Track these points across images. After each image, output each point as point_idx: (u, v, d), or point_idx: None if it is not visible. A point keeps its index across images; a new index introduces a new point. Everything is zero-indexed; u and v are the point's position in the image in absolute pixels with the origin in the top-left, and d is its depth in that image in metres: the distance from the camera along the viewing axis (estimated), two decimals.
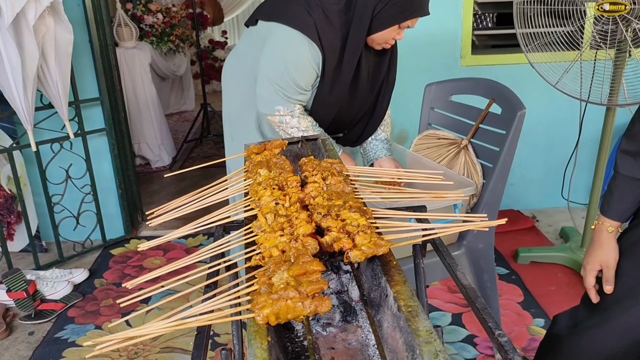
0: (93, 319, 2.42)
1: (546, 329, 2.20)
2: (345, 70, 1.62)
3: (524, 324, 2.25)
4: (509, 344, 0.82)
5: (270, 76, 1.62)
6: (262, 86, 1.65)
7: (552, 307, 2.34)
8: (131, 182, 3.22)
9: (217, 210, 1.00)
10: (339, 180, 0.99)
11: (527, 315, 2.31)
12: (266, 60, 1.63)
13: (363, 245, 0.76)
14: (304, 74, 1.60)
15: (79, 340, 2.27)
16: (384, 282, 0.73)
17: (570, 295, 2.43)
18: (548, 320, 2.26)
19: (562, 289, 2.49)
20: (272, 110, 1.65)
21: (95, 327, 2.36)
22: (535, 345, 2.12)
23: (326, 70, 1.60)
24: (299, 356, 0.74)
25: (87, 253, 3.00)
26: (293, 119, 1.64)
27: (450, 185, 1.66)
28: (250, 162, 1.14)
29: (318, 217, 0.85)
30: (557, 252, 2.71)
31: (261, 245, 0.79)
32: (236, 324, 1.06)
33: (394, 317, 0.68)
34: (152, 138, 4.32)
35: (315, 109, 1.71)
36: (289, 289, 0.64)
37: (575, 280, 2.56)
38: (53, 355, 2.18)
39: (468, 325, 2.25)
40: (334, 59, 1.60)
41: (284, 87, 1.61)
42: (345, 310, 0.81)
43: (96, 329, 2.34)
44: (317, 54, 1.58)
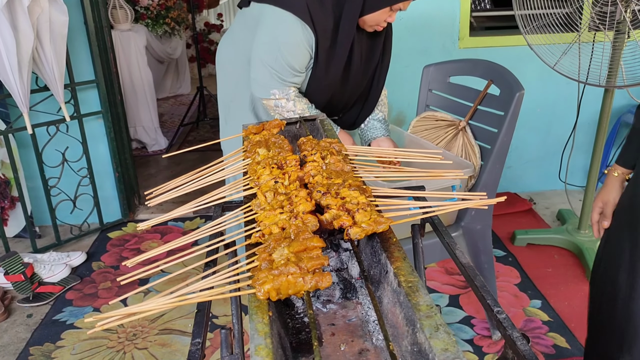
0: (91, 302, 2.42)
1: (542, 310, 2.23)
2: (339, 52, 1.61)
3: (520, 305, 2.27)
4: (507, 321, 0.82)
5: (265, 60, 1.60)
6: (257, 70, 1.64)
7: (548, 289, 2.36)
8: (128, 165, 3.20)
9: (215, 190, 1.00)
10: (338, 159, 0.99)
11: (523, 296, 2.33)
12: (259, 43, 1.62)
13: (363, 223, 0.76)
14: (297, 56, 1.58)
15: (78, 323, 2.28)
16: (384, 259, 0.73)
17: (567, 277, 2.45)
18: (545, 301, 2.29)
19: (558, 270, 2.51)
20: (268, 94, 1.64)
21: (94, 309, 2.37)
22: (532, 326, 2.15)
23: (319, 52, 1.59)
24: (299, 332, 0.74)
25: (84, 236, 3.00)
26: (289, 102, 1.63)
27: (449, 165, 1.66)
28: (249, 142, 1.13)
29: (318, 195, 0.85)
30: (554, 234, 2.72)
31: (261, 222, 0.79)
32: (235, 303, 1.06)
33: (394, 292, 0.68)
34: (148, 121, 4.30)
35: (310, 92, 1.70)
36: (289, 265, 0.65)
37: (572, 262, 2.57)
38: (52, 338, 2.19)
39: (465, 306, 2.27)
40: (326, 40, 1.58)
41: (278, 70, 1.60)
42: (345, 288, 0.81)
43: (94, 311, 2.35)
44: (310, 35, 1.56)
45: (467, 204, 0.86)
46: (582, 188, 3.28)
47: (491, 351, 2.02)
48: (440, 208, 0.84)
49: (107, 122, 2.96)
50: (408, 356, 0.62)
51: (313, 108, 1.66)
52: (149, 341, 2.15)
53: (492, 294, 0.89)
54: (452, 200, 1.65)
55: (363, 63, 1.73)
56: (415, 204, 0.89)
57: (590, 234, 2.67)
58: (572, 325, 2.14)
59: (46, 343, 2.16)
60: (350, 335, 0.72)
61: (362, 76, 1.76)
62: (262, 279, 0.64)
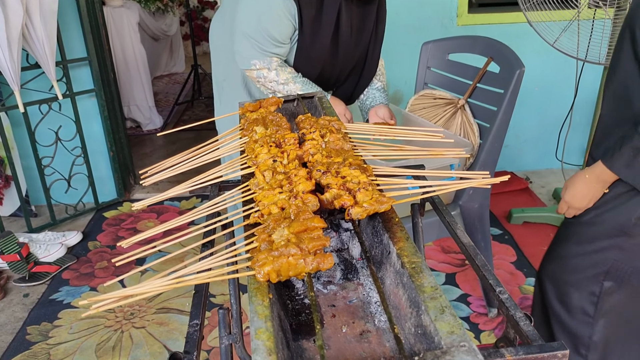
0: (88, 281, 2.42)
1: None
2: (325, 22, 1.57)
3: (516, 283, 2.29)
4: (510, 301, 0.82)
5: (245, 30, 1.57)
6: (238, 41, 1.61)
7: None
8: (122, 145, 3.17)
9: (211, 170, 0.98)
10: (337, 137, 0.97)
11: (519, 274, 2.34)
12: (240, 14, 1.58)
13: (364, 202, 0.75)
14: (278, 26, 1.55)
15: (75, 302, 2.27)
16: (386, 239, 0.71)
17: None
18: None
19: None
20: (249, 64, 1.60)
21: (91, 289, 2.36)
22: (528, 303, 2.16)
23: (304, 22, 1.55)
24: (299, 313, 0.73)
25: (79, 216, 2.98)
26: (271, 72, 1.58)
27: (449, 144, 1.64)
28: (246, 120, 1.11)
29: (317, 175, 0.83)
30: (549, 213, 2.72)
31: (259, 202, 0.77)
32: (233, 283, 1.05)
33: (396, 274, 0.67)
34: (143, 100, 4.24)
35: (299, 65, 1.66)
36: (290, 246, 0.63)
37: None
38: (49, 317, 2.19)
39: (462, 284, 2.28)
40: (311, 9, 1.54)
41: (258, 40, 1.56)
42: (345, 268, 0.80)
43: (91, 291, 2.34)
44: (291, 5, 1.52)
45: (470, 183, 0.84)
46: (578, 167, 3.28)
47: (487, 328, 2.04)
48: (443, 187, 0.83)
49: (101, 101, 2.91)
50: (412, 338, 0.61)
51: (299, 77, 1.61)
52: (147, 320, 2.15)
53: (494, 274, 0.88)
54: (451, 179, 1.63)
55: (354, 33, 1.68)
56: (417, 182, 0.87)
57: None
58: None
59: (43, 322, 2.16)
60: (351, 317, 0.71)
61: (354, 47, 1.71)
62: (262, 261, 0.63)
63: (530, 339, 0.75)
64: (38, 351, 2.01)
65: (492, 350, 0.69)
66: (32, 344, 2.05)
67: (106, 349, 2.00)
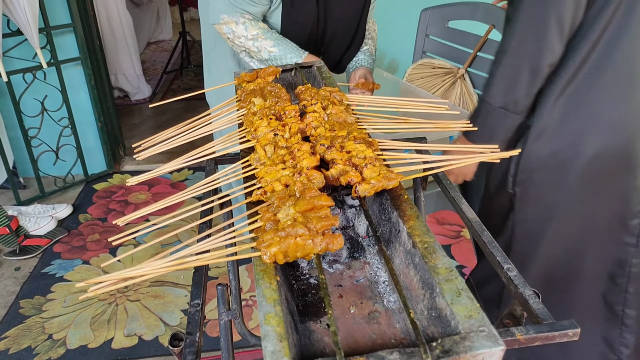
0: (80, 254, 2.38)
1: None
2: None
3: None
4: (518, 278, 0.80)
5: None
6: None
7: None
8: (110, 115, 3.09)
9: (207, 144, 0.93)
10: (340, 109, 0.93)
11: None
12: None
13: (372, 179, 0.71)
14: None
15: (67, 276, 2.25)
16: (395, 217, 0.68)
17: None
18: None
19: None
20: (218, 19, 1.51)
21: (83, 262, 2.33)
22: None
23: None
24: (305, 294, 0.71)
25: (69, 188, 2.92)
26: (238, 26, 1.48)
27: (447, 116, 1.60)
28: (243, 91, 1.06)
29: (321, 149, 0.79)
30: None
31: (262, 179, 0.74)
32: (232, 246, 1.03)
33: (407, 253, 0.64)
34: (130, 69, 4.12)
35: (285, 29, 1.58)
36: (297, 226, 0.60)
37: None
38: (42, 291, 2.16)
39: (457, 256, 2.28)
40: None
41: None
42: (352, 247, 0.77)
43: (84, 264, 2.31)
44: None
45: (480, 158, 0.81)
46: None
47: None
48: (453, 162, 0.80)
49: (87, 69, 2.82)
50: (425, 320, 0.58)
51: (272, 33, 1.52)
52: (141, 293, 2.13)
53: (501, 250, 0.86)
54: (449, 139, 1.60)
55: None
56: (424, 157, 0.84)
57: None
58: None
59: (36, 296, 2.13)
60: (359, 297, 0.69)
61: (344, 9, 1.62)
62: (268, 241, 0.60)
63: (540, 317, 0.73)
64: (32, 325, 1.99)
65: (502, 330, 0.67)
66: (25, 317, 2.02)
67: (101, 322, 1.99)
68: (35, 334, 1.94)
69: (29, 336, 1.93)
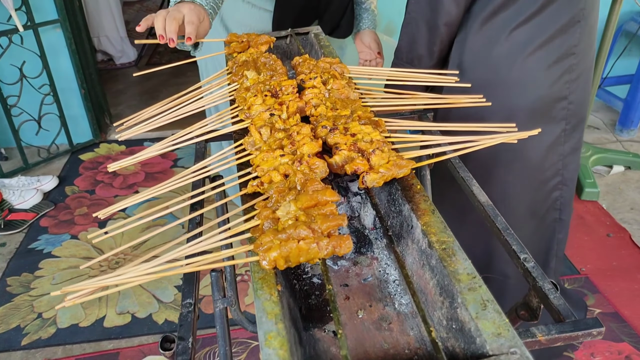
0: (68, 229, 2.31)
1: None
2: None
3: None
4: (536, 269, 0.74)
5: None
6: None
7: None
8: (94, 81, 2.95)
9: (197, 123, 0.85)
10: (341, 84, 0.84)
11: None
12: None
13: (381, 167, 0.64)
14: None
15: (56, 251, 2.18)
16: (407, 211, 0.61)
17: None
18: None
19: None
20: None
21: (72, 236, 2.26)
22: None
23: None
24: (308, 295, 0.64)
25: (54, 159, 2.82)
26: None
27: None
28: (234, 63, 0.96)
29: (323, 132, 0.72)
30: None
31: (258, 167, 0.66)
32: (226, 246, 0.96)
33: (422, 253, 0.57)
34: (113, 31, 3.93)
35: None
36: (300, 227, 0.53)
37: None
38: (29, 267, 2.09)
39: None
40: None
41: None
42: (357, 240, 0.70)
43: (73, 239, 2.24)
44: None
45: (499, 139, 0.74)
46: None
47: None
48: (471, 145, 0.72)
49: (67, 33, 2.66)
50: (443, 331, 0.52)
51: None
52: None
53: (517, 238, 0.80)
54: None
55: None
56: (443, 139, 0.76)
57: (585, 150, 2.61)
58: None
59: (24, 273, 2.07)
60: (367, 298, 0.62)
61: None
62: (267, 244, 0.53)
63: (562, 314, 0.68)
64: (20, 303, 1.93)
65: (522, 331, 0.61)
66: (13, 295, 1.97)
67: (92, 300, 1.93)
68: (24, 313, 1.89)
69: (18, 315, 1.88)
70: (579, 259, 2.10)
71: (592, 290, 1.96)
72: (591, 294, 1.95)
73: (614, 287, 1.99)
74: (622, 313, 1.88)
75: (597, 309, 1.90)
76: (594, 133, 2.98)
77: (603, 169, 2.68)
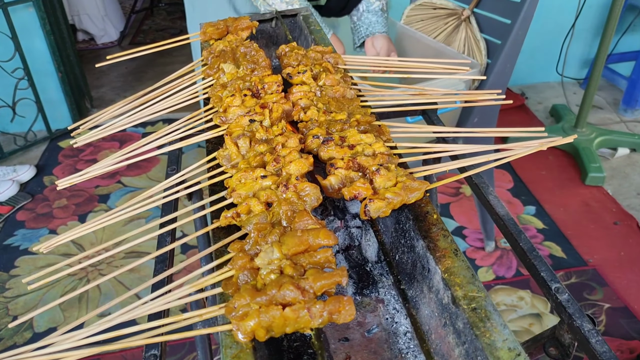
0: (46, 223, 2.17)
1: (537, 217, 2.10)
2: None
3: (514, 212, 2.14)
4: (573, 304, 0.62)
5: None
6: None
7: (543, 194, 2.22)
8: (72, 63, 2.78)
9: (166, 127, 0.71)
10: (336, 79, 0.70)
11: (517, 203, 2.19)
12: None
13: (387, 192, 0.51)
14: None
15: (33, 247, 2.04)
16: (422, 249, 0.49)
17: (562, 180, 2.30)
18: (540, 207, 2.15)
19: (553, 173, 2.36)
20: None
21: (50, 231, 2.13)
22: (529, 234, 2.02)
23: None
24: (299, 355, 0.52)
25: (31, 147, 2.66)
26: None
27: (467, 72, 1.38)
28: (209, 52, 0.82)
29: (315, 144, 0.58)
30: (548, 133, 2.53)
31: (234, 192, 0.53)
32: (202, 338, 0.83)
33: (442, 308, 0.45)
34: (93, 8, 3.73)
35: None
36: (285, 287, 0.40)
37: (566, 163, 2.42)
38: (4, 266, 1.97)
39: (456, 216, 2.12)
40: None
41: None
42: (359, 278, 0.57)
43: (51, 234, 2.11)
44: None
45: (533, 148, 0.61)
46: (576, 81, 3.05)
47: (485, 264, 1.91)
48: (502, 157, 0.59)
49: (40, 12, 2.48)
50: None
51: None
52: (115, 267, 1.95)
53: (546, 262, 0.68)
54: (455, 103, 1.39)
55: None
56: (458, 147, 0.63)
57: (588, 132, 2.49)
58: (568, 232, 2.03)
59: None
60: (373, 357, 0.50)
61: None
62: (242, 308, 0.40)
63: (602, 358, 0.56)
64: None
65: None
66: None
67: (71, 301, 1.82)
68: None
69: None
70: (586, 250, 2.00)
71: (601, 283, 1.86)
72: (600, 287, 1.85)
73: (622, 279, 1.89)
74: (632, 307, 1.79)
75: (606, 303, 1.80)
76: (597, 113, 2.85)
77: (607, 151, 2.56)
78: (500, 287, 1.82)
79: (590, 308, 1.77)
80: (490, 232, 1.94)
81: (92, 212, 2.19)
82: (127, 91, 3.15)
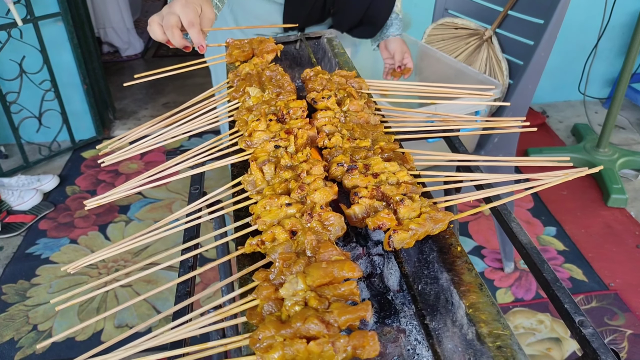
0: (67, 232, 2.21)
1: (557, 238, 2.07)
2: None
3: (534, 233, 2.11)
4: (597, 339, 0.60)
5: None
6: None
7: (564, 214, 2.19)
8: (97, 76, 2.84)
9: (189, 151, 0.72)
10: (359, 105, 0.71)
11: (537, 223, 2.16)
12: None
13: (412, 223, 0.51)
14: None
15: (53, 257, 2.08)
16: (447, 282, 0.49)
17: (583, 201, 2.27)
18: (560, 228, 2.12)
19: (574, 194, 2.33)
20: None
21: (71, 241, 2.16)
22: (547, 257, 1.99)
23: None
24: None
25: (55, 157, 2.72)
26: None
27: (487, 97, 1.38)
28: (235, 75, 0.83)
29: (339, 171, 0.59)
30: (570, 153, 2.50)
31: (259, 219, 0.53)
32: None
33: (467, 344, 0.45)
34: (119, 21, 3.81)
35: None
36: (309, 320, 0.40)
37: (588, 184, 2.38)
38: (25, 274, 2.00)
39: (475, 235, 2.10)
40: None
41: None
42: (380, 307, 0.57)
43: (72, 244, 2.14)
44: None
45: (567, 176, 0.61)
46: (598, 100, 3.02)
47: (503, 285, 1.88)
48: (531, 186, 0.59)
49: (69, 26, 2.55)
50: None
51: None
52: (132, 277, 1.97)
53: (570, 294, 0.67)
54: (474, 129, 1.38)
55: None
56: (472, 177, 0.63)
57: (611, 152, 2.45)
58: (589, 255, 1.99)
59: (20, 280, 1.97)
60: None
61: None
62: (267, 340, 0.40)
63: None
64: (15, 314, 1.84)
65: None
66: (8, 305, 1.87)
67: (89, 310, 1.84)
68: (18, 324, 1.79)
69: (12, 327, 1.79)
70: (607, 273, 1.96)
71: (622, 309, 1.82)
72: (621, 313, 1.81)
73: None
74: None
75: (628, 329, 1.76)
76: (620, 133, 2.81)
77: (630, 172, 2.52)
78: (519, 309, 1.80)
79: (612, 334, 1.73)
80: (509, 253, 1.92)
81: (112, 223, 2.22)
82: (148, 103, 3.20)
